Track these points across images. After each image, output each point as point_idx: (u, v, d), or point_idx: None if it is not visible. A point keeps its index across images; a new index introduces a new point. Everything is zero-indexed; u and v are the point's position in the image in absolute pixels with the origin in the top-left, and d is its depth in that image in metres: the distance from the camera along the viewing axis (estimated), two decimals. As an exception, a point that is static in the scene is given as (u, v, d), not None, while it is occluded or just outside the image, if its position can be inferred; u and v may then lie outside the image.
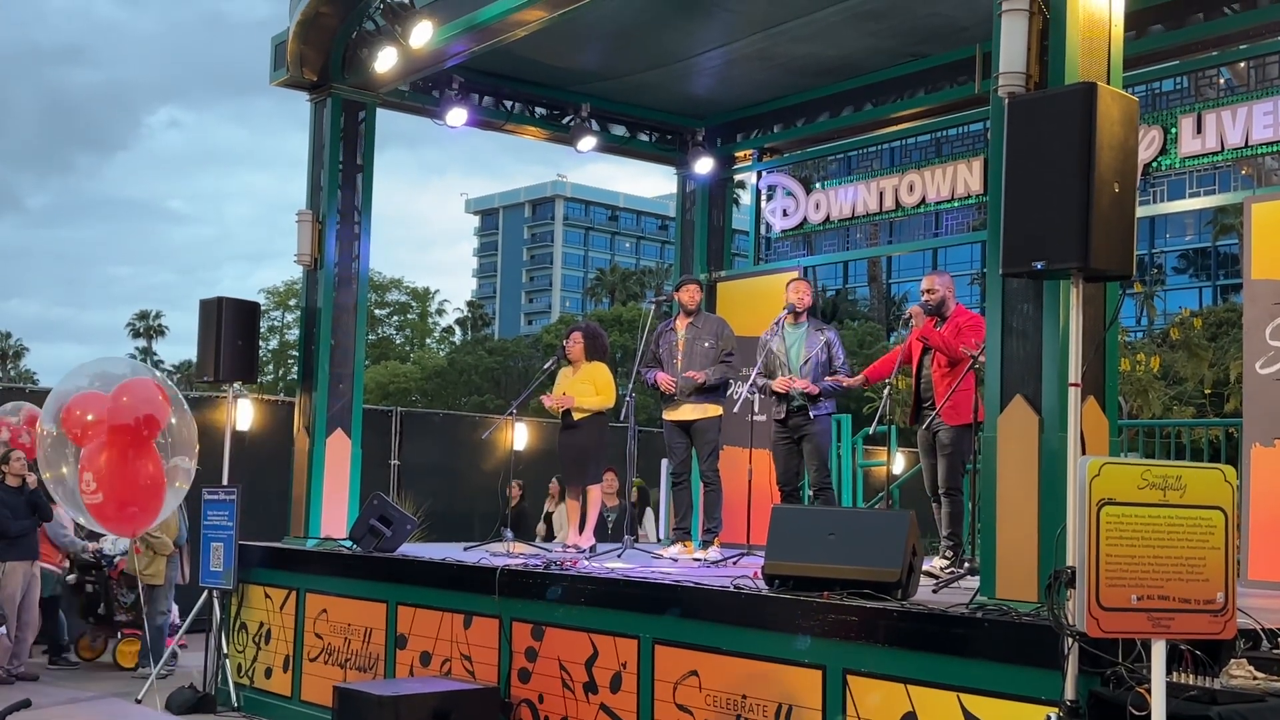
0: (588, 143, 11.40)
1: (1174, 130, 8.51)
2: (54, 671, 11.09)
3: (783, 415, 8.69)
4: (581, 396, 9.27)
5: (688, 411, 8.95)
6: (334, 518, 9.92)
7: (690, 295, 9.09)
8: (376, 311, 66.47)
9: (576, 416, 9.31)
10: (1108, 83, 5.59)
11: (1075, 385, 5.19)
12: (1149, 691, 4.33)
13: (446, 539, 13.96)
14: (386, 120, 10.98)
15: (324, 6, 9.83)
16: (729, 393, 9.24)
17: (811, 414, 8.59)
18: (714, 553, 8.67)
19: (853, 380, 8.68)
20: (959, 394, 7.55)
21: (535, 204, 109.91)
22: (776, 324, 8.81)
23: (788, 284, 8.97)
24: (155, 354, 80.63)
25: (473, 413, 28.48)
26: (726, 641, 6.21)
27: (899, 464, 15.13)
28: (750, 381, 8.63)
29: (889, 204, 10.57)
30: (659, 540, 11.42)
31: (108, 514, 9.39)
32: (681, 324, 9.08)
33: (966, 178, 10.01)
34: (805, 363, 8.62)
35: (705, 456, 8.97)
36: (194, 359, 10.61)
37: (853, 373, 8.77)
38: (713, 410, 8.93)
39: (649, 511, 13.04)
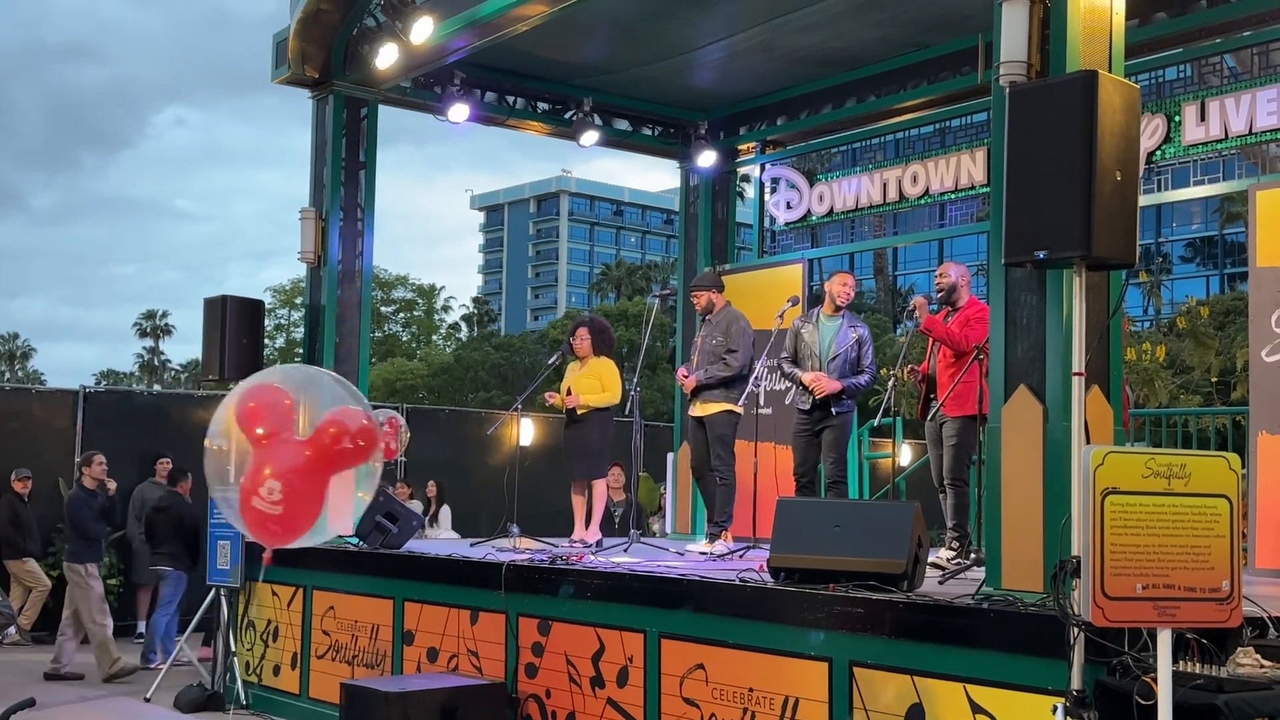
0: (590, 137, 11.39)
1: (1178, 118, 8.48)
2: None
3: (807, 406, 8.68)
4: (588, 393, 9.27)
5: (699, 408, 9.06)
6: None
7: (695, 300, 9.30)
8: (383, 309, 66.48)
9: (581, 411, 9.31)
10: (1109, 71, 5.57)
11: (1079, 374, 5.18)
12: (1155, 680, 4.32)
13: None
14: (393, 117, 11.00)
15: (324, 3, 9.83)
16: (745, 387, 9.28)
17: (834, 410, 8.61)
18: (720, 545, 8.67)
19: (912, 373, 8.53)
20: (963, 385, 7.53)
21: (540, 200, 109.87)
22: (812, 312, 8.90)
23: (832, 275, 9.04)
24: (163, 353, 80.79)
25: (479, 409, 28.50)
26: (733, 635, 6.21)
27: (905, 455, 15.11)
28: (778, 368, 8.71)
29: (893, 195, 10.55)
30: None
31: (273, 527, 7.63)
32: (705, 322, 9.30)
33: (970, 168, 9.99)
34: (834, 358, 8.60)
35: (716, 451, 8.98)
36: (200, 358, 10.63)
37: (879, 372, 8.72)
38: (721, 405, 8.94)
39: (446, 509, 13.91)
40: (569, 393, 9.31)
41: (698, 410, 9.07)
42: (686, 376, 9.07)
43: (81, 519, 10.62)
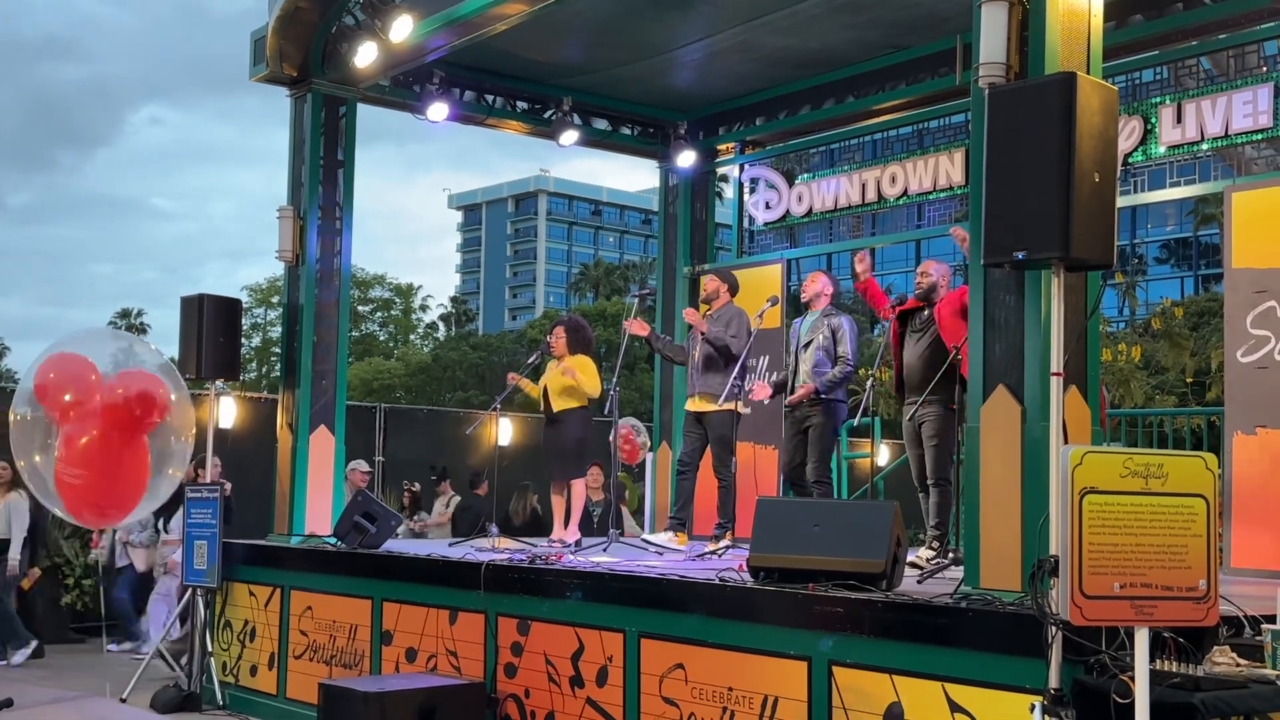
0: (570, 137, 11.38)
1: (1154, 120, 8.53)
2: (40, 668, 11.05)
3: (790, 404, 8.76)
4: (564, 394, 9.28)
5: (700, 403, 9.06)
6: (318, 514, 9.89)
7: (705, 285, 9.40)
8: (360, 308, 66.29)
9: (558, 410, 9.31)
10: (1088, 73, 5.60)
11: (1057, 375, 5.20)
12: (1133, 679, 4.34)
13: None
14: (372, 116, 10.98)
15: (303, 1, 9.80)
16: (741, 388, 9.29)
17: (819, 397, 8.62)
18: (725, 545, 8.68)
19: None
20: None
21: (518, 199, 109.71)
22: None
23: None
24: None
25: (457, 408, 28.45)
26: (712, 634, 6.22)
27: (884, 455, 15.14)
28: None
29: (871, 196, 10.59)
30: None
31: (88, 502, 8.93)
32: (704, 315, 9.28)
33: (948, 169, 10.02)
34: (808, 344, 8.72)
35: (716, 452, 8.99)
36: (176, 356, 10.55)
37: (859, 363, 8.74)
38: (725, 405, 8.91)
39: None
40: (545, 390, 9.34)
41: (698, 405, 9.06)
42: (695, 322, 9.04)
43: None
